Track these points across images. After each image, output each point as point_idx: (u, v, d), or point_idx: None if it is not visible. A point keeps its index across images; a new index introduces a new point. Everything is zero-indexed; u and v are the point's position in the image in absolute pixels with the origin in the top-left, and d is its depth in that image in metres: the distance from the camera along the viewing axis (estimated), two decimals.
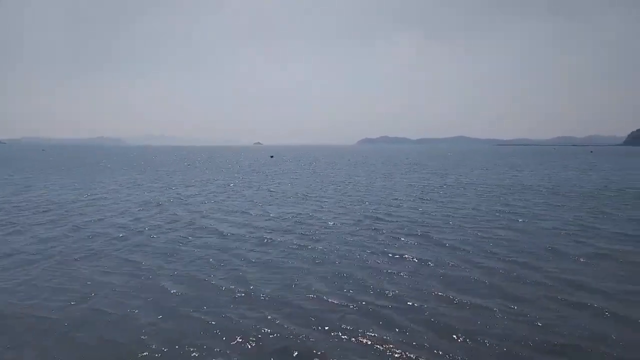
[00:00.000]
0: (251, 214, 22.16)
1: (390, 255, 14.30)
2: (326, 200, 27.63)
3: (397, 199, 28.09)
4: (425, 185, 37.16)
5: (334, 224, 19.56)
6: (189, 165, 74.20)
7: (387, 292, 10.96)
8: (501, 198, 28.36)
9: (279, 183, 39.91)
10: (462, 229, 18.27)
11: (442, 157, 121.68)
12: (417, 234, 17.37)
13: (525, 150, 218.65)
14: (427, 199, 27.85)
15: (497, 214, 22.10)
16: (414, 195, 30.19)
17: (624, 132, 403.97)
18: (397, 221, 20.12)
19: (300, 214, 22.20)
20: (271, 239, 16.64)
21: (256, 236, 17.09)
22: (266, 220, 20.56)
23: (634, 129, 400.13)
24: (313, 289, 11.19)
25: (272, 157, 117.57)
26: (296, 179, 44.92)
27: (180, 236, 17.07)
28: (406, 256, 14.08)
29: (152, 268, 12.91)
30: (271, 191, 32.85)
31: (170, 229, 18.50)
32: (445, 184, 38.29)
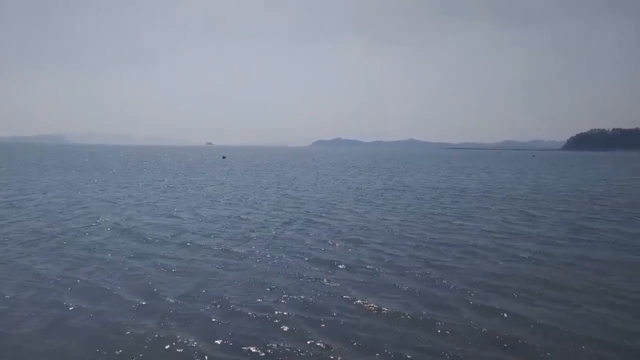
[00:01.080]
0: (181, 217, 21.34)
1: (312, 259, 14.01)
2: (263, 202, 27.12)
3: (333, 200, 27.98)
4: (366, 188, 37.35)
5: (262, 226, 19.12)
6: (131, 165, 71.62)
7: (301, 298, 10.64)
8: (437, 200, 28.81)
9: (222, 184, 39.03)
10: (390, 232, 18.25)
11: (392, 159, 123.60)
12: (345, 237, 17.19)
13: (473, 154, 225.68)
14: (364, 201, 27.89)
15: (428, 216, 22.34)
16: (352, 197, 30.20)
17: (563, 137, 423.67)
18: (328, 223, 19.91)
19: (230, 216, 21.60)
20: (192, 242, 16.00)
21: (177, 241, 16.37)
22: (194, 223, 19.83)
23: (573, 134, 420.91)
24: (223, 296, 10.72)
25: (224, 157, 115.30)
26: (240, 180, 44.12)
27: (95, 241, 16.09)
28: (327, 260, 13.84)
29: (52, 277, 12.01)
30: (211, 193, 31.99)
31: (88, 233, 17.47)
32: (386, 187, 38.62)
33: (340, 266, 13.31)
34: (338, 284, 11.68)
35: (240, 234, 17.55)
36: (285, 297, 10.71)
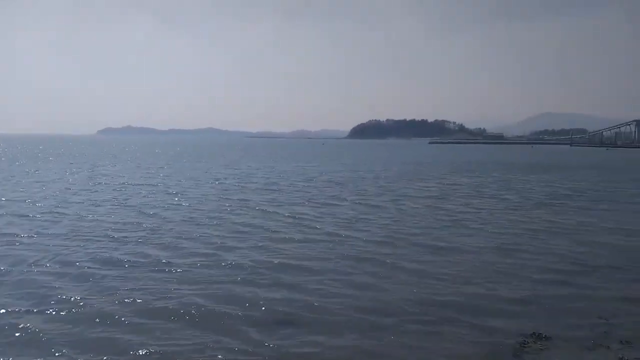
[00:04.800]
0: None
1: None
2: None
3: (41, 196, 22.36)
4: (107, 182, 32.06)
5: None
6: None
7: None
8: (165, 191, 25.48)
9: None
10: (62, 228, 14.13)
11: (175, 149, 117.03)
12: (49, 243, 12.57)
13: (269, 142, 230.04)
14: (72, 196, 22.91)
15: (130, 207, 18.81)
16: (84, 196, 24.88)
17: (347, 127, 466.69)
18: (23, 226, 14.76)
19: None
20: None
21: None
22: None
23: (355, 125, 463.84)
24: None
25: None
26: None
27: None
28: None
29: None
30: None
31: None
32: (126, 182, 33.87)
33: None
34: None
35: None
36: None
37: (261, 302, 9.23)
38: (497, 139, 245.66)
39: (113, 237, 14.62)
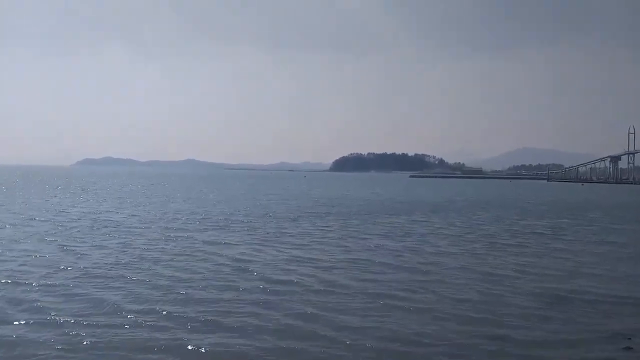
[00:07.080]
0: None
1: None
2: None
3: None
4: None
5: None
6: None
7: None
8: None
9: None
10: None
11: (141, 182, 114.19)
12: None
13: (249, 174, 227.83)
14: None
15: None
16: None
17: (329, 160, 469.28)
18: None
19: None
20: None
21: None
22: None
23: (337, 157, 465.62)
24: None
25: None
26: None
27: None
28: None
29: None
30: None
31: None
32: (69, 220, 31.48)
33: None
34: None
35: None
36: None
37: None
38: (476, 174, 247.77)
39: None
